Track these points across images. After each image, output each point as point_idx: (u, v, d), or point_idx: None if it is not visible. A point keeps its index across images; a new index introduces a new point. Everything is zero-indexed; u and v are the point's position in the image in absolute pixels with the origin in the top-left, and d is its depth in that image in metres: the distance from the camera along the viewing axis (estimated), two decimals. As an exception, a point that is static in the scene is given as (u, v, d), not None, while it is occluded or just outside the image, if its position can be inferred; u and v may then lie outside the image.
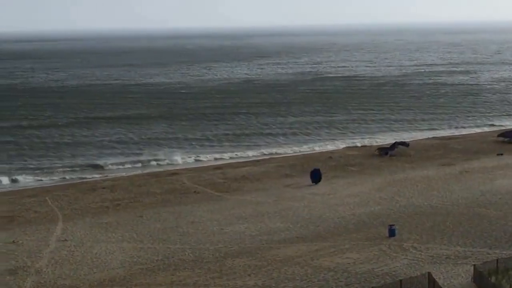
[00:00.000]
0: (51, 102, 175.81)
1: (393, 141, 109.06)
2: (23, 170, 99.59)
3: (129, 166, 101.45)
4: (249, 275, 51.69)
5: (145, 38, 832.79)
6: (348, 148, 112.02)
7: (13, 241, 61.90)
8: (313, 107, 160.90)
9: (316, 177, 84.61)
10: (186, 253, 57.39)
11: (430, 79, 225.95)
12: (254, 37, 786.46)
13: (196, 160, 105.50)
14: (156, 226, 65.97)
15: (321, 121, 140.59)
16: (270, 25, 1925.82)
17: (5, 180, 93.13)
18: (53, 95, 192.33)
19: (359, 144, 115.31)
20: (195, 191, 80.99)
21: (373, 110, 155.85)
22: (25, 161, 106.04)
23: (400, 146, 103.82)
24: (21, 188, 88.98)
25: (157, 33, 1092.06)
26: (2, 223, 68.92)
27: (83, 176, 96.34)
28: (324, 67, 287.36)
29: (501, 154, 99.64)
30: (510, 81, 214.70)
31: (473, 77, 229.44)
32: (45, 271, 53.86)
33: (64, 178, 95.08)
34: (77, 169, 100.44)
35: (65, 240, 62.16)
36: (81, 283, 51.25)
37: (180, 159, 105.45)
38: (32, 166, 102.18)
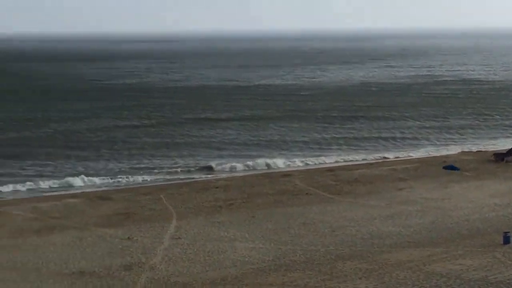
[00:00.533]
0: (169, 102, 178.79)
1: (511, 147, 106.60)
2: (140, 169, 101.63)
3: (242, 167, 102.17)
4: (360, 278, 51.50)
5: (259, 39, 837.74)
6: (463, 153, 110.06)
7: (128, 238, 63.32)
8: (428, 110, 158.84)
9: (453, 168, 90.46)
10: (297, 254, 57.55)
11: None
12: (364, 40, 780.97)
13: (309, 162, 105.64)
14: (267, 227, 66.37)
15: (437, 125, 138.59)
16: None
17: (123, 178, 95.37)
18: (170, 95, 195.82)
19: (474, 149, 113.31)
20: (307, 193, 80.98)
21: (490, 114, 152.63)
22: (143, 159, 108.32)
23: None
24: (137, 186, 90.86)
25: (270, 35, 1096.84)
26: (118, 220, 70.56)
27: (197, 175, 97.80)
28: (440, 70, 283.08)
29: None
30: None
31: None
32: (159, 268, 54.91)
33: (178, 177, 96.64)
34: (192, 169, 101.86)
35: (179, 238, 63.19)
36: (193, 280, 52.03)
37: (294, 160, 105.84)
38: (149, 165, 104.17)
